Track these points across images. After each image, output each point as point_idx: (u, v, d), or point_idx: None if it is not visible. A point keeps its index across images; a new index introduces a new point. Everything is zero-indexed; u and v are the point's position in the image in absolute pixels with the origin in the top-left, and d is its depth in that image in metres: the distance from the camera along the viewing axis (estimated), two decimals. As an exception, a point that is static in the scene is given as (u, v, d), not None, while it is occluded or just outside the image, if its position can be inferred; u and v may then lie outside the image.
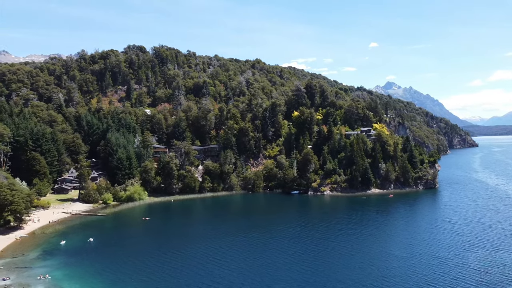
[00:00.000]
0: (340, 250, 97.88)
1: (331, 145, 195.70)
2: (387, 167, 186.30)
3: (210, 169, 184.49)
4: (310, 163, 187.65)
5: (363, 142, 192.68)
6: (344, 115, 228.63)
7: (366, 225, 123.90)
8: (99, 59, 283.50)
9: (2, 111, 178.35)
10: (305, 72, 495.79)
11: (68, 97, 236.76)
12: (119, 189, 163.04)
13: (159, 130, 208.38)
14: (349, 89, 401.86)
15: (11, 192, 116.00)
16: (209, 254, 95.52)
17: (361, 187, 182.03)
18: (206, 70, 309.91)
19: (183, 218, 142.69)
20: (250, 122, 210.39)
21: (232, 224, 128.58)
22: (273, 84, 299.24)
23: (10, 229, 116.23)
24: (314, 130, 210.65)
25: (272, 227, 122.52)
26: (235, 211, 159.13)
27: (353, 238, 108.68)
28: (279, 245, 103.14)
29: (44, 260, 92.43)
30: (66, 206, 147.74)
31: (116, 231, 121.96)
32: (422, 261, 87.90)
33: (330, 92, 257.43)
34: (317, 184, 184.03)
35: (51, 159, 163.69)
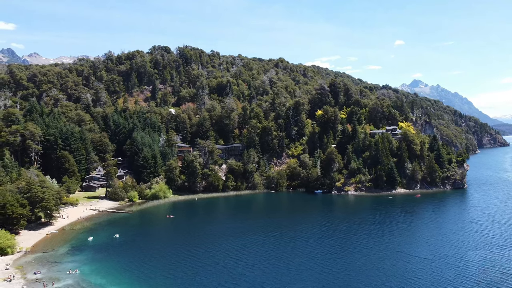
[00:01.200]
0: (362, 250, 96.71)
1: (355, 144, 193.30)
2: (413, 167, 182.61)
3: (233, 168, 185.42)
4: (334, 162, 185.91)
5: (389, 141, 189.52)
6: (369, 114, 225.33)
7: (390, 226, 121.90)
8: (125, 59, 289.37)
9: (34, 111, 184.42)
10: (329, 70, 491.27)
11: (96, 97, 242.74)
12: (145, 187, 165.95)
13: (183, 129, 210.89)
14: (374, 88, 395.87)
15: (42, 189, 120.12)
16: (231, 252, 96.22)
17: (386, 187, 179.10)
18: (229, 70, 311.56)
19: (207, 216, 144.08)
20: (273, 121, 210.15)
21: (255, 223, 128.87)
22: (297, 83, 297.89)
23: (41, 225, 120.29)
24: (338, 129, 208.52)
25: (295, 227, 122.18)
26: (258, 210, 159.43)
27: (376, 238, 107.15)
28: (301, 245, 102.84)
29: (73, 255, 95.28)
30: (94, 203, 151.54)
31: (141, 228, 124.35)
32: (448, 263, 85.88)
33: (355, 91, 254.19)
34: (341, 184, 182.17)
35: (79, 158, 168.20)
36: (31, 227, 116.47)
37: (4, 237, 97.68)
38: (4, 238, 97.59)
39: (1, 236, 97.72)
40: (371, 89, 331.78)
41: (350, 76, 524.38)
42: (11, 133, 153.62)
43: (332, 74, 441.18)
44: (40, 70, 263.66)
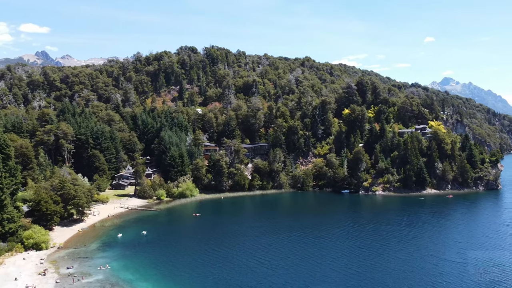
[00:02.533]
0: (388, 252, 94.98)
1: (383, 144, 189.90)
2: (444, 167, 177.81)
3: (259, 167, 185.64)
4: (362, 162, 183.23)
5: (418, 140, 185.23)
6: (398, 113, 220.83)
7: (419, 227, 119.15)
8: (153, 60, 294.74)
9: (66, 111, 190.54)
10: (356, 69, 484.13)
11: (125, 97, 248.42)
12: (172, 185, 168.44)
13: (209, 128, 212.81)
14: (402, 86, 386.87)
15: (74, 187, 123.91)
16: (255, 251, 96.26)
17: (415, 187, 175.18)
18: (255, 69, 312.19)
19: (232, 215, 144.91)
20: (299, 120, 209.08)
21: (280, 222, 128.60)
22: (323, 81, 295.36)
23: (73, 222, 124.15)
24: (366, 128, 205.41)
25: (320, 227, 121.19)
26: (283, 209, 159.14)
27: (404, 240, 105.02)
28: (326, 245, 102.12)
29: (103, 251, 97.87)
30: (123, 201, 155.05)
31: (168, 226, 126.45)
32: (479, 267, 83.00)
33: (383, 89, 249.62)
34: (368, 184, 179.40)
35: (109, 156, 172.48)
36: (64, 224, 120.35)
37: (39, 233, 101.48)
38: (39, 233, 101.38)
39: (36, 231, 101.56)
40: (400, 88, 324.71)
41: (378, 74, 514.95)
42: (45, 133, 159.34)
43: (359, 73, 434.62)
44: (72, 71, 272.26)
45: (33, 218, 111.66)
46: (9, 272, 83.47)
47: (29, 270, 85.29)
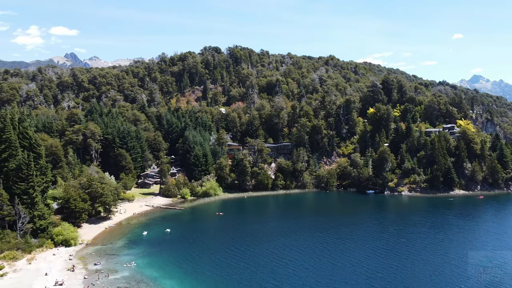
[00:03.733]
0: (412, 255, 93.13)
1: (409, 143, 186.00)
2: (473, 167, 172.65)
3: (282, 167, 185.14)
4: (387, 162, 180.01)
5: (446, 139, 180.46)
6: (424, 112, 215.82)
7: (445, 229, 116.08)
8: (177, 61, 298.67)
9: (94, 111, 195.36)
10: (381, 67, 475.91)
11: (150, 97, 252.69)
12: (196, 184, 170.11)
13: (233, 128, 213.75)
14: (429, 84, 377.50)
15: (101, 185, 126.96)
16: (277, 252, 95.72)
17: (443, 188, 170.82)
18: (279, 69, 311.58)
19: (255, 215, 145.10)
20: (323, 120, 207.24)
21: (303, 222, 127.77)
22: (347, 80, 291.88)
23: (100, 219, 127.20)
24: (391, 127, 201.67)
25: (343, 227, 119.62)
26: (306, 209, 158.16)
27: (428, 242, 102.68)
28: (348, 246, 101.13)
29: (129, 248, 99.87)
30: (149, 199, 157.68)
31: (192, 224, 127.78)
32: (507, 271, 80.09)
33: (409, 88, 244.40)
34: (394, 184, 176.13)
35: (135, 156, 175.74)
36: (92, 221, 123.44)
37: (68, 230, 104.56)
38: (68, 230, 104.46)
39: (65, 228, 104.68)
40: (427, 86, 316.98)
41: (404, 73, 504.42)
42: (74, 132, 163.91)
43: (384, 71, 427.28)
44: (99, 72, 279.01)
45: (63, 215, 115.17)
46: (40, 268, 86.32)
47: (59, 266, 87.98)
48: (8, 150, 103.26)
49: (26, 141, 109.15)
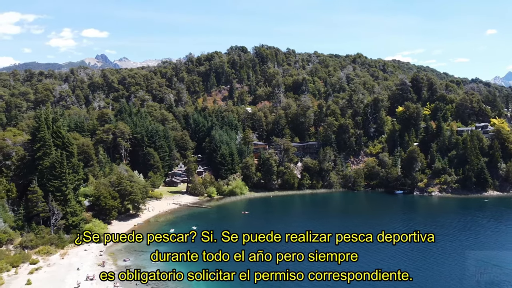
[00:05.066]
0: (438, 257, 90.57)
1: (440, 143, 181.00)
2: (508, 167, 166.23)
3: (309, 166, 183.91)
4: (416, 162, 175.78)
5: (478, 139, 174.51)
6: (456, 110, 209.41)
7: (476, 232, 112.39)
8: (204, 61, 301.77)
9: (123, 111, 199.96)
10: (411, 65, 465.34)
11: (178, 97, 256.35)
12: (222, 183, 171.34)
13: (259, 127, 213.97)
14: (461, 82, 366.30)
15: (130, 183, 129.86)
16: (301, 251, 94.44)
17: (475, 189, 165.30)
18: (305, 67, 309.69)
19: (281, 214, 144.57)
20: (350, 119, 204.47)
21: (329, 223, 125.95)
22: (376, 78, 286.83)
23: (129, 216, 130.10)
24: (421, 126, 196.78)
25: (369, 228, 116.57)
26: (333, 209, 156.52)
27: (456, 245, 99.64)
28: (372, 247, 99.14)
29: (157, 245, 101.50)
30: (176, 197, 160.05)
31: (217, 223, 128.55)
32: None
33: (439, 85, 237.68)
34: (424, 184, 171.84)
35: (163, 154, 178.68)
36: (121, 218, 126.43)
37: (99, 226, 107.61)
38: (99, 227, 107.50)
39: (96, 225, 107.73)
40: (458, 83, 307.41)
41: (435, 70, 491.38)
42: (104, 132, 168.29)
43: (414, 69, 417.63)
44: (128, 73, 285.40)
45: (94, 212, 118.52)
46: (72, 263, 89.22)
47: (90, 261, 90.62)
48: (43, 149, 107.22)
49: (59, 140, 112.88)
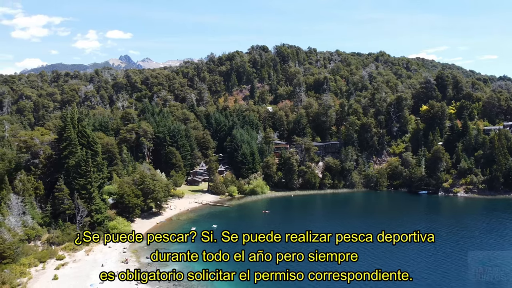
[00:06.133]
0: (460, 260, 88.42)
1: (466, 142, 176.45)
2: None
3: (330, 166, 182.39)
4: (441, 161, 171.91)
5: (507, 138, 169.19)
6: (483, 108, 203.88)
7: (500, 234, 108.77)
8: (225, 60, 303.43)
9: (146, 111, 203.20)
10: (435, 62, 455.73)
11: (199, 97, 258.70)
12: (243, 182, 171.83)
13: (280, 126, 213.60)
14: (489, 79, 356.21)
15: (153, 182, 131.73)
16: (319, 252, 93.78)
17: (503, 190, 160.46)
18: (326, 66, 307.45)
19: (301, 214, 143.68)
20: (373, 118, 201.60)
21: (350, 223, 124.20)
22: (399, 77, 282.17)
23: (152, 215, 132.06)
24: (446, 125, 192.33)
25: (392, 229, 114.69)
26: (355, 209, 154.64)
27: (480, 247, 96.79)
28: (393, 249, 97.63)
29: (179, 243, 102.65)
30: (197, 196, 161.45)
31: (238, 221, 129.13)
32: None
33: (465, 83, 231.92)
34: (449, 184, 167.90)
35: (185, 154, 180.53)
36: (144, 216, 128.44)
37: (122, 224, 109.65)
38: (123, 224, 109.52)
39: (120, 222, 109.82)
40: (485, 81, 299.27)
41: (460, 68, 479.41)
42: (128, 131, 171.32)
43: (439, 66, 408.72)
44: (151, 73, 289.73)
45: (117, 210, 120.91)
46: (97, 259, 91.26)
47: (114, 258, 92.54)
48: (69, 148, 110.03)
49: (85, 139, 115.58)
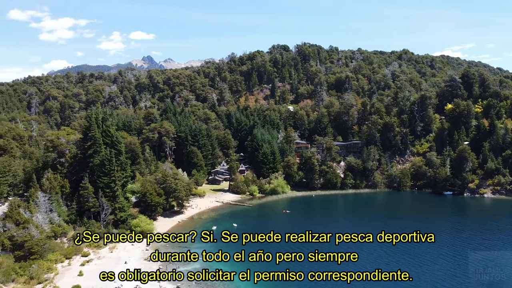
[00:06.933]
0: (482, 263, 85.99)
1: (493, 141, 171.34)
2: None
3: (352, 165, 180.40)
4: (467, 161, 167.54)
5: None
6: (511, 107, 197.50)
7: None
8: (246, 60, 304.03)
9: (168, 110, 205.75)
10: (461, 60, 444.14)
11: (220, 96, 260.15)
12: (264, 182, 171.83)
13: (301, 126, 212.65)
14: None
15: (175, 181, 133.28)
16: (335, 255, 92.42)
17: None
18: (348, 65, 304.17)
19: (322, 214, 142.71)
20: (395, 117, 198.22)
21: (371, 224, 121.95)
22: (423, 75, 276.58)
23: (173, 213, 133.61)
24: (472, 125, 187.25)
25: (413, 230, 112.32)
26: (377, 209, 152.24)
27: (504, 250, 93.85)
28: (415, 251, 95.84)
29: (200, 242, 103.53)
30: (218, 195, 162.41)
31: (259, 221, 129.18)
32: None
33: (493, 81, 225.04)
34: (475, 185, 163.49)
35: (206, 153, 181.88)
36: (166, 215, 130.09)
37: (145, 222, 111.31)
38: (145, 222, 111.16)
39: (142, 220, 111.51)
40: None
41: (487, 65, 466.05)
42: (150, 131, 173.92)
43: (464, 64, 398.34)
44: (173, 74, 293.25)
45: (140, 208, 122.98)
46: (120, 256, 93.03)
47: (137, 255, 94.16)
48: (93, 147, 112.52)
49: (109, 138, 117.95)
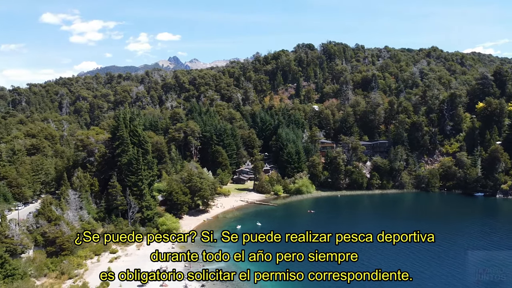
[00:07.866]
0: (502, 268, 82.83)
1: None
2: None
3: (378, 165, 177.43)
4: (499, 162, 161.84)
5: None
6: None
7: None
8: (271, 59, 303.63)
9: (194, 110, 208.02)
10: (493, 57, 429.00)
11: (245, 96, 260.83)
12: (289, 181, 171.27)
13: (326, 125, 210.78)
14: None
15: (200, 180, 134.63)
16: (360, 255, 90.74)
17: None
18: (375, 63, 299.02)
19: (347, 214, 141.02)
20: (424, 116, 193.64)
21: (397, 226, 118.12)
22: (452, 73, 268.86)
23: (199, 212, 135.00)
24: (505, 124, 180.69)
25: (442, 234, 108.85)
26: (404, 211, 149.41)
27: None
28: (443, 254, 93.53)
29: (225, 240, 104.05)
30: (243, 195, 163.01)
31: (283, 221, 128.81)
32: None
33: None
34: (508, 186, 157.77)
35: (231, 152, 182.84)
36: (191, 213, 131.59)
37: (171, 220, 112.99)
38: (171, 221, 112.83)
39: (168, 219, 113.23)
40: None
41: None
42: (176, 130, 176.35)
43: (496, 61, 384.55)
44: (198, 74, 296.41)
45: (166, 207, 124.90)
46: (147, 254, 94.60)
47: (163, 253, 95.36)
48: (121, 146, 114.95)
49: (136, 138, 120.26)
